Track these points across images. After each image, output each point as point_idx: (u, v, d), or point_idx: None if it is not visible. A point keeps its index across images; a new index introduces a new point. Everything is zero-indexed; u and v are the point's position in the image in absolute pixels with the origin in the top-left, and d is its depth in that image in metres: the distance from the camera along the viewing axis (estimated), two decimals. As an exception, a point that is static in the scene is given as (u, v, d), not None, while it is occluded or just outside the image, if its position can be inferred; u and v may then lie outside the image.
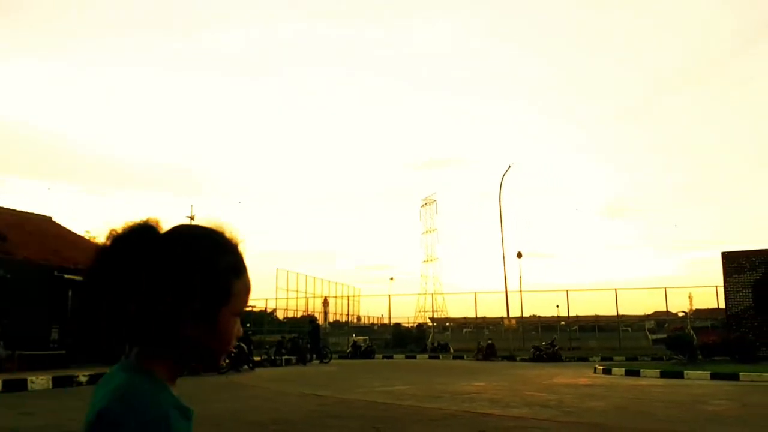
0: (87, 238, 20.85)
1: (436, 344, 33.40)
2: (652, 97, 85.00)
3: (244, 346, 18.43)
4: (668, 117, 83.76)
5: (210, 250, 0.92)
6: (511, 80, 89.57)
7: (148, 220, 0.94)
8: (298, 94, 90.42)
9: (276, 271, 38.07)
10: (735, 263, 20.20)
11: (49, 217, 22.07)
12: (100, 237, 0.95)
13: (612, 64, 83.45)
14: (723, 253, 20.68)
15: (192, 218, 40.83)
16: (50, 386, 12.74)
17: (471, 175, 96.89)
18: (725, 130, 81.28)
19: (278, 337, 25.47)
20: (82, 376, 13.50)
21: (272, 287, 38.40)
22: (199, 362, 0.95)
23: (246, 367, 18.72)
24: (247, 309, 27.32)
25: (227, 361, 17.48)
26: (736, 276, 20.02)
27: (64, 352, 15.54)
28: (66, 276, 16.17)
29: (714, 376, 15.23)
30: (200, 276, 0.89)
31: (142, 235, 0.92)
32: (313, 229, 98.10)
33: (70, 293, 15.73)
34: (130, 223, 0.93)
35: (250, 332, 22.98)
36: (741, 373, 14.99)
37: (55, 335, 16.30)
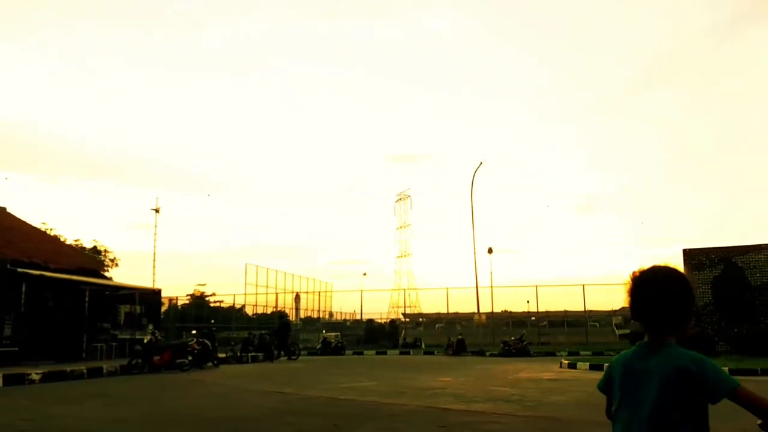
0: (43, 230, 20.21)
1: (408, 340, 33.42)
2: (624, 95, 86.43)
3: (208, 343, 18.10)
4: (640, 115, 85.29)
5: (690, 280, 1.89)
6: (487, 77, 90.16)
7: (667, 264, 1.91)
8: (271, 88, 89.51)
9: (245, 267, 37.58)
10: (696, 260, 20.57)
11: (3, 208, 21.37)
12: (637, 274, 1.94)
13: (587, 62, 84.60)
14: (684, 251, 21.06)
15: (157, 210, 40.16)
16: (1, 384, 12.29)
17: (444, 171, 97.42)
18: (694, 130, 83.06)
19: (245, 334, 25.15)
20: (35, 374, 13.07)
21: (241, 283, 37.95)
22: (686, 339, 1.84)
23: (210, 364, 18.42)
24: (215, 305, 26.94)
25: (190, 358, 17.18)
26: (697, 273, 20.38)
27: (17, 348, 15.01)
28: (20, 270, 15.60)
29: (674, 370, 15.49)
30: (694, 295, 1.89)
31: (671, 273, 1.88)
32: (285, 224, 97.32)
33: (24, 288, 15.18)
34: (663, 266, 1.90)
35: (214, 329, 22.65)
36: (700, 367, 15.27)
37: (8, 331, 15.72)
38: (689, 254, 20.87)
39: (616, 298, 38.75)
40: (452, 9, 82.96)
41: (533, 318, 37.03)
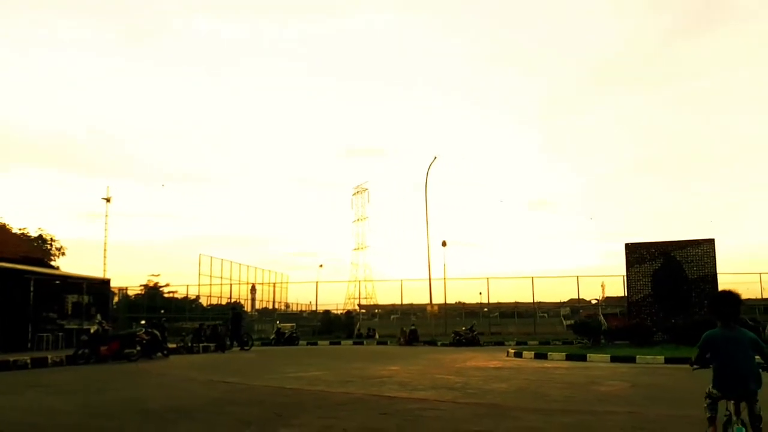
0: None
1: (362, 331, 33.64)
2: (577, 94, 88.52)
3: (157, 333, 17.90)
4: (593, 114, 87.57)
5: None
6: (443, 74, 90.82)
7: (731, 289, 4.34)
8: (227, 81, 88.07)
9: (199, 257, 37.09)
10: (637, 254, 21.48)
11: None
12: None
13: (542, 60, 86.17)
14: (626, 245, 21.93)
15: (108, 200, 39.13)
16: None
17: (401, 165, 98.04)
18: (645, 130, 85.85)
19: (197, 324, 24.92)
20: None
21: (196, 273, 37.47)
22: None
23: (160, 354, 18.23)
24: (168, 296, 26.51)
25: (138, 348, 16.96)
26: (638, 266, 21.29)
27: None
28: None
29: (613, 359, 16.18)
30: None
31: (737, 295, 4.25)
32: (241, 215, 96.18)
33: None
34: (732, 290, 4.33)
35: (164, 319, 22.37)
36: (637, 356, 16.00)
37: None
38: (630, 248, 21.73)
39: (565, 290, 40.06)
40: (408, 6, 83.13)
41: (485, 309, 37.86)
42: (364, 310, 46.18)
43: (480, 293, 36.01)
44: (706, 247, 21.01)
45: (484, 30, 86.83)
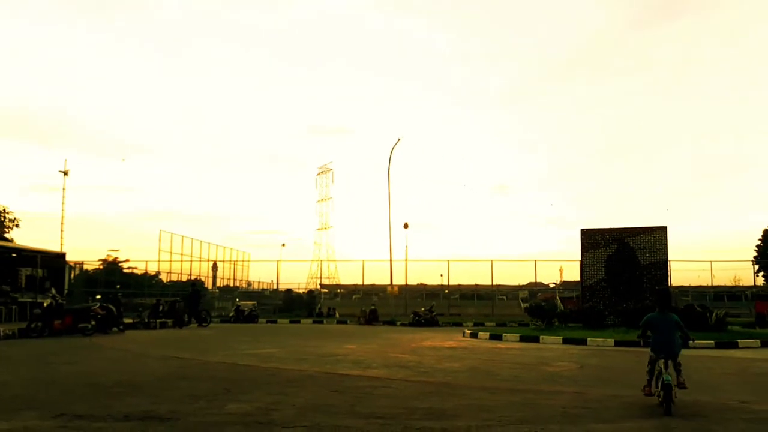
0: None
1: (323, 310, 33.75)
2: (539, 82, 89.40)
3: (113, 308, 17.65)
4: (554, 103, 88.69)
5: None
6: (410, 59, 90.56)
7: (664, 287, 17.80)
8: (191, 57, 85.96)
9: (159, 233, 36.54)
10: (591, 239, 22.01)
11: None
12: None
13: (506, 45, 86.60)
14: (582, 230, 22.44)
15: (66, 173, 38.00)
16: None
17: (366, 146, 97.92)
18: (605, 120, 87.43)
19: (155, 300, 24.62)
20: None
21: (156, 249, 36.94)
22: None
23: (115, 329, 18.00)
24: (128, 271, 26.13)
25: (93, 323, 16.72)
26: (592, 251, 21.86)
27: None
28: None
29: (566, 341, 16.64)
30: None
31: (670, 291, 13.65)
32: (203, 192, 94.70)
33: None
34: (667, 287, 17.91)
35: (120, 294, 22.04)
36: (588, 339, 16.49)
37: None
38: (586, 234, 22.24)
39: (524, 274, 40.93)
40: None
41: (446, 291, 38.43)
42: (326, 290, 46.32)
43: (441, 275, 36.54)
44: (659, 234, 21.64)
45: (451, 15, 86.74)
